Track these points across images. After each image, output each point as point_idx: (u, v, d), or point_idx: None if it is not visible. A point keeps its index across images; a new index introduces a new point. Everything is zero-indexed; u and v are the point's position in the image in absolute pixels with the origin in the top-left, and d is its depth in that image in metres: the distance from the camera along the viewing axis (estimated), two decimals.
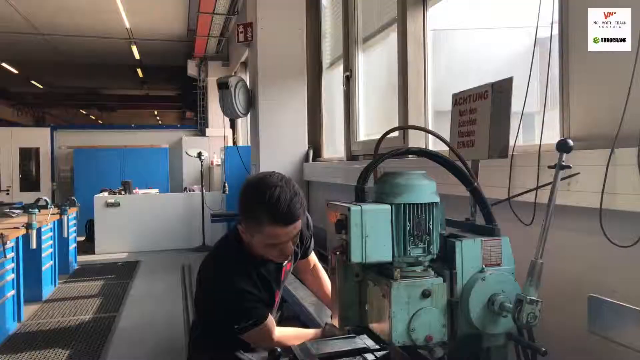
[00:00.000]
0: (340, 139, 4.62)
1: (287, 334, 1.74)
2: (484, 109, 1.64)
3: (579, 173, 1.45)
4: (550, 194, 1.30)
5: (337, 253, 1.30)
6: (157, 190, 10.14)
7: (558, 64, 1.77)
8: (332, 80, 5.03)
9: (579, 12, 1.60)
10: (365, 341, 1.50)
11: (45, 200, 5.89)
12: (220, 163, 10.38)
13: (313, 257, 2.11)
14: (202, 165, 9.17)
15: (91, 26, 10.14)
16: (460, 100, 1.80)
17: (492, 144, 1.60)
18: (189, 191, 9.95)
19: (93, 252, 8.70)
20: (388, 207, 1.28)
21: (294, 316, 2.54)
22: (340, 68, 4.47)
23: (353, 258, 1.26)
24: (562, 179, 1.41)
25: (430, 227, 1.30)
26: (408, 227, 1.29)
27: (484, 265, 1.32)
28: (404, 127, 2.93)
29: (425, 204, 1.30)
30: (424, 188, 1.31)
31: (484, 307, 1.29)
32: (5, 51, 11.95)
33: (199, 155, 8.88)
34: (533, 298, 1.20)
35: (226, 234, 1.91)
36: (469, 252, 1.32)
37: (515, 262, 1.34)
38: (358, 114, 4.15)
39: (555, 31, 1.75)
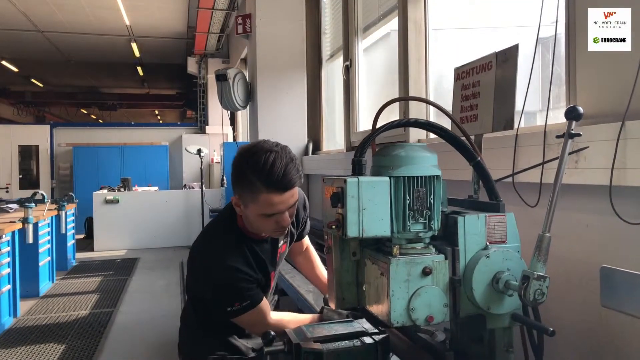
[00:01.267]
0: (340, 133, 4.54)
1: (283, 318, 1.66)
2: (488, 81, 1.57)
3: (587, 147, 1.38)
4: (558, 164, 1.23)
5: (333, 227, 1.22)
6: (156, 188, 10.09)
7: (564, 42, 1.71)
8: (332, 73, 4.96)
9: None
10: (363, 325, 1.42)
11: (42, 195, 5.83)
12: (219, 160, 10.33)
13: (306, 240, 2.04)
14: (201, 162, 9.11)
15: (91, 23, 10.11)
16: (463, 74, 1.73)
17: (496, 116, 1.53)
18: (189, 188, 9.89)
19: (92, 249, 8.66)
20: (386, 179, 1.22)
21: (290, 310, 2.47)
22: (341, 60, 4.40)
23: (349, 232, 1.19)
24: (570, 153, 1.34)
25: (431, 201, 1.24)
26: (408, 201, 1.22)
27: (488, 242, 1.25)
28: (404, 98, 2.81)
29: (425, 176, 1.23)
30: (425, 160, 1.25)
31: (488, 286, 1.22)
32: (5, 49, 11.92)
33: (199, 151, 8.81)
34: (540, 274, 1.13)
35: (219, 212, 1.82)
36: (472, 228, 1.25)
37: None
38: (358, 104, 4.08)
39: (560, 20, 1.68)
